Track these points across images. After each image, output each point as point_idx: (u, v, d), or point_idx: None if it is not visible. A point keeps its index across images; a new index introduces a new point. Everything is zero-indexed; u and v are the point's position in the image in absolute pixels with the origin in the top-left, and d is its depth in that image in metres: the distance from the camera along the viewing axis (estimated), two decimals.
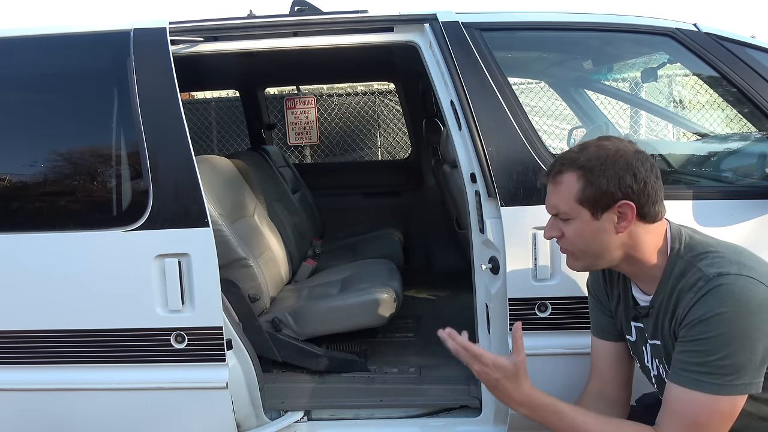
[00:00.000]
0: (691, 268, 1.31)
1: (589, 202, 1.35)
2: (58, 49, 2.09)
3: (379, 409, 2.23)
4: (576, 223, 1.38)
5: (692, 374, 1.25)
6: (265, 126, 4.63)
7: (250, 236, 2.76)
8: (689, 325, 1.26)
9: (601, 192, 1.33)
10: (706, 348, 1.23)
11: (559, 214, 1.41)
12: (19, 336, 1.99)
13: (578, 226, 1.38)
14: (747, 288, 1.22)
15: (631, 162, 1.33)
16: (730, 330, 1.21)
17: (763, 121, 2.00)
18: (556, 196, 1.40)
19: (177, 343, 1.96)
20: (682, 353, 1.28)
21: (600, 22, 2.08)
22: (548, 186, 1.44)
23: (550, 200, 1.43)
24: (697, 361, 1.25)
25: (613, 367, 1.60)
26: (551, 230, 1.45)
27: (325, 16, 2.13)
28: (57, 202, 2.03)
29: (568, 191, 1.37)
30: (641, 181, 1.32)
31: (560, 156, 1.45)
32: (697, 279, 1.28)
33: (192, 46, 2.08)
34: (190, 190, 1.93)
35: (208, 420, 2.02)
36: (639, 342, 1.52)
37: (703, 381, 1.24)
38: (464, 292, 2.56)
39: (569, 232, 1.40)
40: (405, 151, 6.31)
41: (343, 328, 2.50)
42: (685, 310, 1.28)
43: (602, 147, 1.36)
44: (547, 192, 1.45)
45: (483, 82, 1.95)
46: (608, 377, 1.59)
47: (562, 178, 1.39)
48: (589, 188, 1.34)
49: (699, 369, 1.24)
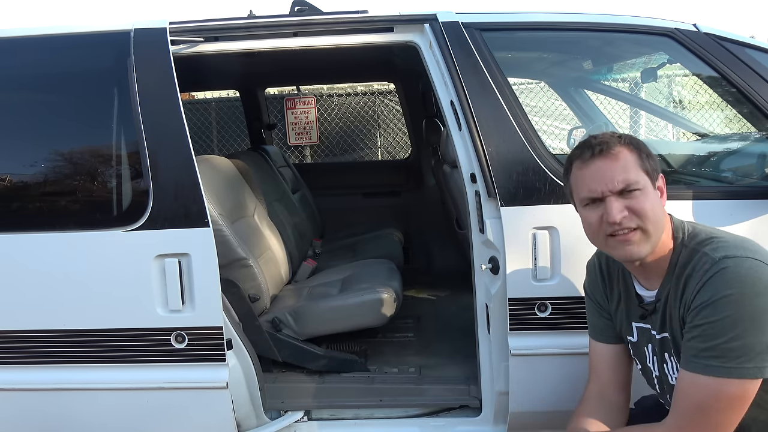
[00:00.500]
0: (696, 253, 1.31)
1: (649, 171, 1.34)
2: (59, 49, 2.09)
3: (378, 409, 2.24)
4: (645, 192, 1.32)
5: (702, 359, 1.23)
6: (265, 126, 4.63)
7: (250, 236, 2.76)
8: (696, 309, 1.25)
9: (654, 162, 1.35)
10: (713, 331, 1.22)
11: (629, 185, 1.31)
12: (19, 336, 1.99)
13: (648, 195, 1.32)
14: (753, 270, 1.22)
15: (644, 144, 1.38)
16: (737, 312, 1.20)
17: (762, 121, 2.00)
18: (620, 168, 1.31)
19: (177, 343, 1.96)
20: (691, 339, 1.26)
21: (600, 22, 2.08)
22: (601, 164, 1.33)
23: (614, 174, 1.31)
24: (705, 345, 1.23)
25: (612, 370, 1.58)
26: (621, 210, 1.31)
27: (325, 17, 2.13)
28: (57, 202, 2.03)
29: (631, 161, 1.32)
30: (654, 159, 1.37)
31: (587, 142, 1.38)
32: (703, 263, 1.27)
33: (192, 46, 2.08)
34: (190, 190, 1.93)
35: (208, 420, 2.02)
36: (641, 343, 1.51)
37: (712, 365, 1.22)
38: (464, 292, 2.56)
39: (641, 204, 1.30)
40: (405, 151, 6.31)
41: (343, 328, 2.50)
42: (692, 294, 1.27)
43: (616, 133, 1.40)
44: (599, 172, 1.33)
45: (483, 82, 1.95)
46: (607, 380, 1.58)
47: (617, 150, 1.33)
48: (645, 159, 1.34)
49: (708, 353, 1.22)
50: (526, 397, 1.97)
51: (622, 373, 1.58)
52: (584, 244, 1.83)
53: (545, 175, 1.88)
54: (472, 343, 2.18)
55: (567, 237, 1.87)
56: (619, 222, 1.31)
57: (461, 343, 2.55)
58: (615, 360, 1.58)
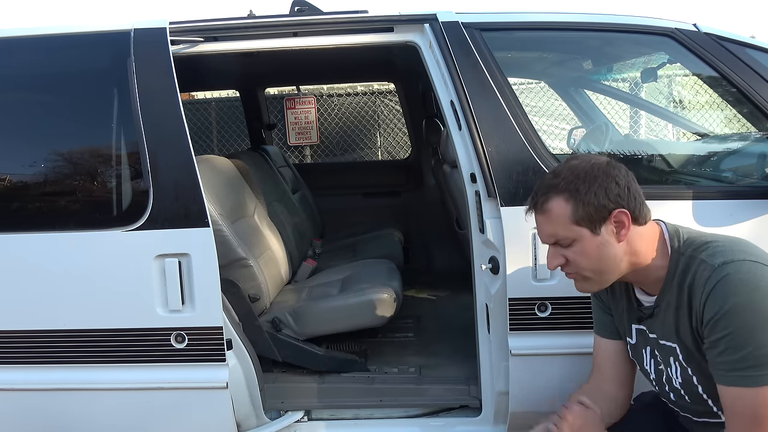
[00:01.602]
0: (694, 261, 1.31)
1: (585, 219, 1.34)
2: (59, 49, 2.09)
3: (378, 409, 2.24)
4: (578, 244, 1.37)
5: (738, 371, 1.23)
6: (265, 126, 4.63)
7: (250, 236, 2.76)
8: (711, 323, 1.25)
9: (594, 207, 1.33)
10: (736, 342, 1.22)
11: (559, 241, 1.39)
12: (20, 336, 1.99)
13: (582, 246, 1.37)
14: (753, 273, 1.22)
15: (609, 171, 1.34)
16: (753, 318, 1.20)
17: (763, 121, 2.00)
18: (550, 224, 1.39)
19: (177, 343, 1.96)
20: (720, 355, 1.25)
21: (600, 22, 2.08)
22: (537, 218, 1.42)
23: (545, 230, 1.41)
24: (735, 357, 1.22)
25: (615, 365, 1.60)
26: (554, 258, 1.42)
27: (325, 16, 2.13)
28: (57, 202, 2.03)
29: (561, 215, 1.36)
30: (624, 186, 1.34)
31: (537, 186, 1.43)
32: (702, 270, 1.28)
33: (192, 46, 2.08)
34: (190, 190, 1.93)
35: (208, 420, 2.02)
36: (639, 345, 1.52)
37: (751, 376, 1.21)
38: (464, 292, 2.56)
39: (574, 256, 1.39)
40: (405, 151, 6.31)
41: (343, 328, 2.50)
42: (701, 306, 1.27)
43: (575, 167, 1.37)
44: (537, 224, 1.43)
45: (483, 82, 1.95)
46: (609, 375, 1.60)
47: (549, 205, 1.37)
48: (581, 207, 1.33)
49: (741, 365, 1.22)
50: (526, 397, 1.97)
51: (623, 369, 1.60)
52: None
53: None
54: (472, 343, 2.18)
55: None
56: (553, 269, 1.45)
57: (461, 343, 2.55)
58: (617, 356, 1.60)
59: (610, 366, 1.60)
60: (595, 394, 1.57)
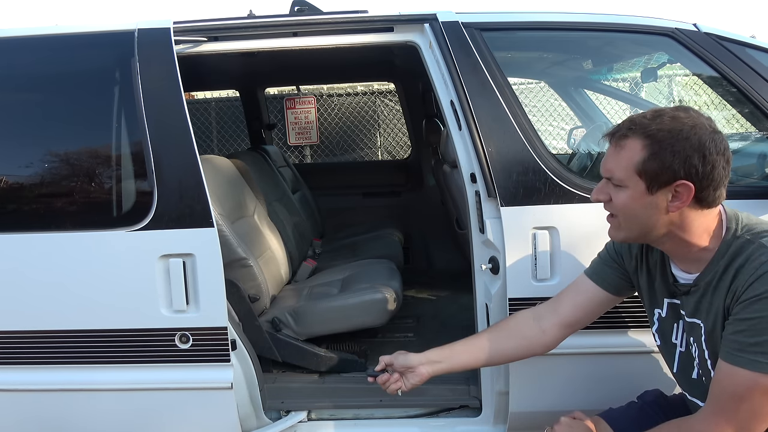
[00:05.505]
0: (750, 245, 1.26)
1: (649, 174, 1.27)
2: (63, 49, 2.09)
3: (379, 409, 2.23)
4: (628, 192, 1.31)
5: (748, 354, 1.20)
6: (265, 126, 4.63)
7: (250, 236, 2.76)
8: (746, 303, 1.22)
9: (664, 167, 1.25)
10: (760, 327, 1.19)
11: (613, 179, 1.33)
12: (24, 336, 1.99)
13: (629, 195, 1.31)
14: None
15: (705, 142, 1.24)
16: None
17: (763, 121, 2.00)
18: (615, 160, 1.32)
19: (181, 344, 1.96)
20: (737, 333, 1.22)
21: (600, 22, 2.08)
22: (609, 147, 1.35)
23: (607, 162, 1.34)
24: (750, 341, 1.20)
25: (578, 306, 1.60)
26: (599, 193, 1.37)
27: (325, 16, 2.14)
28: (61, 203, 2.02)
29: (629, 158, 1.29)
30: (709, 164, 1.23)
31: (631, 118, 1.34)
32: (759, 254, 1.23)
33: (195, 46, 2.08)
34: (194, 190, 1.92)
35: (212, 421, 2.02)
36: (669, 318, 1.48)
37: (759, 362, 1.19)
38: (464, 292, 2.56)
39: (618, 200, 1.33)
40: (405, 151, 6.32)
41: (343, 328, 2.50)
42: (744, 286, 1.23)
43: (677, 119, 1.27)
44: (606, 153, 1.36)
45: (483, 82, 1.95)
46: (564, 311, 1.61)
47: (626, 142, 1.30)
48: (652, 160, 1.26)
49: (753, 349, 1.20)
50: (526, 397, 1.97)
51: (578, 314, 1.61)
52: (584, 244, 1.84)
53: (545, 175, 1.88)
54: None
55: (567, 237, 1.87)
56: (594, 201, 1.42)
57: None
58: (589, 302, 1.60)
59: (574, 307, 1.60)
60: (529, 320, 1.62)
